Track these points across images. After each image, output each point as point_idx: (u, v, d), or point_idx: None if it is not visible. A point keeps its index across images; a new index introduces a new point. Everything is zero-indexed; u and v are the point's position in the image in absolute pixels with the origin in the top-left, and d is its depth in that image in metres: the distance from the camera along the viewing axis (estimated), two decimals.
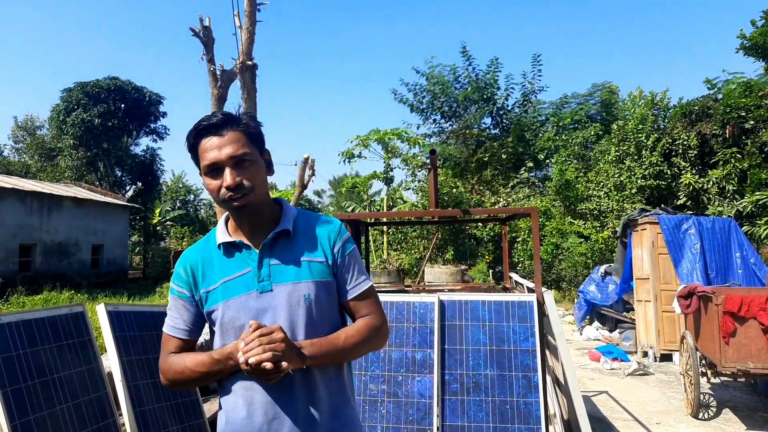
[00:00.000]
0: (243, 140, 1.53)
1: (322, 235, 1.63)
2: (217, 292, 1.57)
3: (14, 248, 20.80)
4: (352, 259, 1.66)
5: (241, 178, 1.51)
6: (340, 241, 1.65)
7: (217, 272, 1.59)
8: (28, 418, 2.60)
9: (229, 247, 1.61)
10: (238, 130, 1.54)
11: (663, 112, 16.69)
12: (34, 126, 40.22)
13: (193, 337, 1.65)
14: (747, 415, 5.87)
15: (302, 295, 1.55)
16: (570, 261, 15.73)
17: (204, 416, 3.80)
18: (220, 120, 1.54)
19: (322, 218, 1.70)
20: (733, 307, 5.20)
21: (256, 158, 1.57)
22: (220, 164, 1.51)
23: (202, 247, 1.67)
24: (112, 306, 3.47)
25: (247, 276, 1.56)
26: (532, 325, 3.69)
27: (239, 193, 1.51)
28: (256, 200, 1.54)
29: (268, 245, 1.58)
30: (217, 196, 1.53)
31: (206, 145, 1.53)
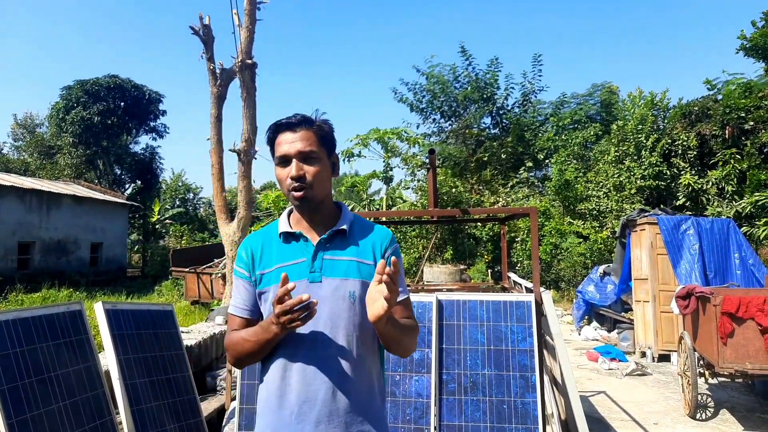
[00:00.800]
0: (313, 139, 1.71)
1: (374, 241, 1.78)
2: (272, 275, 1.70)
3: (13, 246, 20.80)
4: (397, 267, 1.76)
5: (305, 172, 1.68)
6: (390, 249, 1.79)
7: (274, 257, 1.73)
8: (24, 417, 2.59)
9: (289, 236, 1.76)
10: (310, 130, 1.72)
11: (663, 113, 16.68)
12: (34, 124, 40.21)
13: (254, 316, 1.76)
14: (744, 415, 5.87)
15: (348, 291, 1.68)
16: (569, 261, 15.73)
17: (201, 415, 3.80)
18: (297, 119, 1.73)
19: (375, 226, 1.84)
20: (731, 307, 5.21)
21: (322, 158, 1.73)
22: (289, 157, 1.69)
23: (264, 234, 1.83)
24: (109, 304, 3.46)
25: (301, 265, 1.70)
26: (530, 325, 3.69)
27: (300, 185, 1.67)
28: (315, 195, 1.70)
29: (324, 240, 1.72)
30: (284, 185, 1.72)
31: (281, 139, 1.72)
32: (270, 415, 1.67)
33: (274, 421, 1.65)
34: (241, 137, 10.04)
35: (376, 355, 1.76)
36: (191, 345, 5.29)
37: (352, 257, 1.72)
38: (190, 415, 3.67)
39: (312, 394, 1.62)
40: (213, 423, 4.45)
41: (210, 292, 15.39)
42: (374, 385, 1.74)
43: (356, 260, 1.72)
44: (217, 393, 5.24)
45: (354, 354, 1.67)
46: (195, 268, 15.92)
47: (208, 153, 10.33)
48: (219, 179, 10.34)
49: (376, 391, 1.74)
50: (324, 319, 1.64)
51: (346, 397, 1.64)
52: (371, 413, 1.69)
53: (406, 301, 1.79)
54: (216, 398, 5.03)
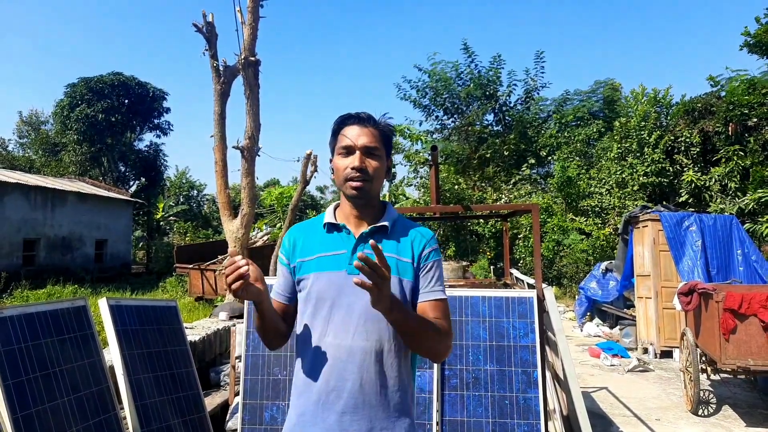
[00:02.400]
0: (378, 137, 1.76)
1: (414, 240, 1.79)
2: (311, 263, 1.75)
3: (18, 242, 20.88)
4: (434, 267, 1.79)
5: (367, 165, 1.72)
6: (429, 247, 1.79)
7: (316, 247, 1.77)
8: (29, 411, 2.62)
9: (333, 228, 1.80)
10: (377, 128, 1.77)
11: (666, 110, 16.65)
12: (39, 121, 40.31)
13: (290, 303, 1.82)
14: (746, 411, 5.88)
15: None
16: (571, 258, 15.73)
17: (205, 410, 3.82)
18: (364, 115, 1.79)
19: (418, 226, 1.86)
20: (733, 304, 5.21)
21: (383, 156, 1.78)
22: (354, 148, 1.73)
23: (308, 224, 1.88)
24: (114, 300, 3.49)
25: (341, 257, 1.73)
26: (532, 321, 3.71)
27: (361, 177, 1.71)
28: (370, 190, 1.74)
29: (366, 234, 1.75)
30: (342, 174, 1.74)
31: (347, 131, 1.76)
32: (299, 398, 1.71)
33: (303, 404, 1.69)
34: (245, 134, 10.04)
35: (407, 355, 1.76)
36: (195, 341, 5.32)
37: (390, 253, 1.71)
38: (194, 410, 3.69)
39: (340, 384, 1.64)
40: (217, 418, 4.48)
41: (214, 288, 15.43)
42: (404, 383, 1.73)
43: (395, 257, 1.72)
44: (220, 388, 5.27)
45: (385, 349, 1.68)
46: (199, 265, 15.96)
47: (212, 150, 10.34)
48: (222, 176, 10.35)
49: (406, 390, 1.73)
50: (359, 311, 1.66)
51: (373, 391, 1.65)
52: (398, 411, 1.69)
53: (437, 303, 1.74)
54: (219, 393, 5.06)
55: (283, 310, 1.82)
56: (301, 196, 11.02)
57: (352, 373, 1.64)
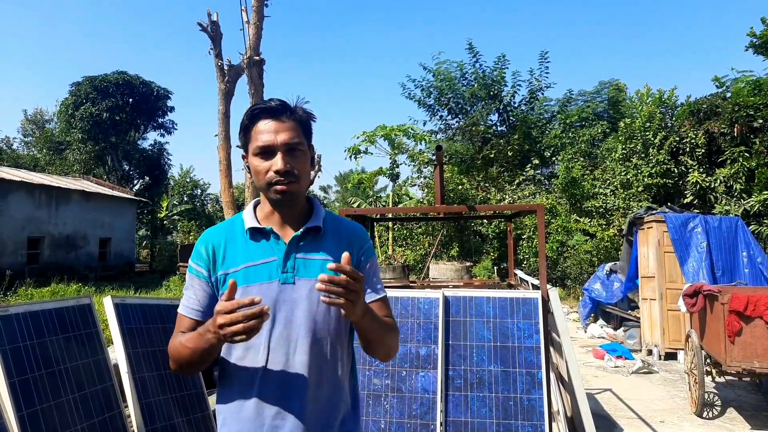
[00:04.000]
0: (298, 130, 1.57)
1: (348, 239, 1.65)
2: (237, 275, 1.55)
3: (23, 241, 20.94)
4: (372, 265, 1.68)
5: (291, 166, 1.53)
6: (365, 245, 1.68)
7: (239, 256, 1.58)
8: (35, 409, 2.62)
9: (257, 233, 1.60)
10: (294, 119, 1.57)
11: (671, 110, 16.59)
12: (43, 120, 40.46)
13: (205, 319, 1.58)
14: (751, 414, 5.86)
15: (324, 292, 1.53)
16: (575, 259, 15.70)
17: (209, 408, 3.82)
18: (278, 105, 1.57)
19: (348, 222, 1.72)
20: (739, 306, 5.19)
21: (306, 150, 1.60)
22: (273, 148, 1.53)
23: (226, 228, 1.65)
24: (118, 298, 3.49)
25: (271, 265, 1.56)
26: (537, 322, 3.70)
27: (286, 180, 1.53)
28: (298, 190, 1.57)
29: (297, 238, 1.59)
30: (263, 178, 1.55)
31: (261, 127, 1.55)
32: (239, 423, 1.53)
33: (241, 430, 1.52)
34: None
35: (350, 361, 1.66)
36: None
37: (327, 256, 1.58)
38: (198, 408, 3.69)
39: (286, 404, 1.50)
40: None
41: None
42: (349, 393, 1.64)
43: (332, 259, 1.56)
44: None
45: (330, 361, 1.56)
46: None
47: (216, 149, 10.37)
48: (226, 175, 10.38)
49: (351, 399, 1.65)
50: (298, 323, 1.52)
51: (321, 408, 1.54)
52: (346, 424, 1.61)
53: (383, 300, 1.68)
54: None
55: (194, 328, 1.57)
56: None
57: (298, 392, 1.51)
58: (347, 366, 1.64)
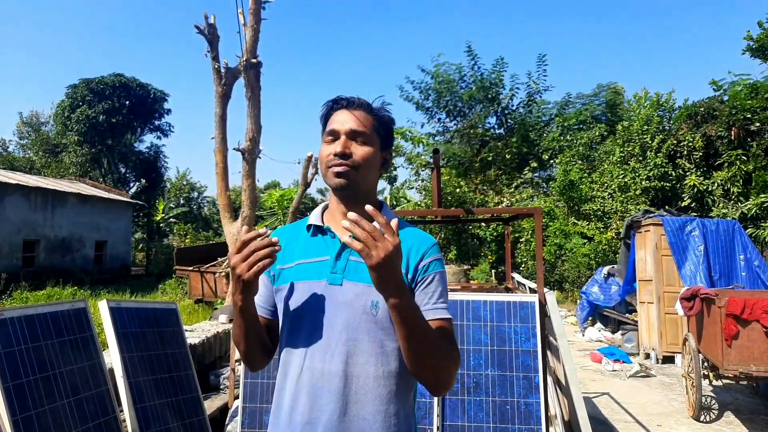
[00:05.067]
0: (369, 123, 1.54)
1: (412, 248, 1.50)
2: (291, 271, 1.52)
3: (18, 244, 20.89)
4: (436, 280, 1.49)
5: (351, 151, 1.49)
6: (429, 257, 1.50)
7: (297, 253, 1.55)
8: (29, 413, 2.60)
9: (316, 230, 1.57)
10: (369, 115, 1.55)
11: (668, 114, 16.65)
12: (39, 122, 40.37)
13: (271, 317, 1.57)
14: (749, 418, 5.85)
15: (371, 300, 1.42)
16: (573, 262, 15.70)
17: (204, 413, 3.80)
18: (357, 100, 1.57)
19: (417, 231, 1.58)
20: (736, 309, 5.19)
21: (373, 143, 1.53)
22: (338, 133, 1.51)
23: (293, 227, 1.66)
24: (114, 302, 3.47)
25: (323, 264, 1.50)
26: (534, 326, 3.69)
27: (343, 160, 1.48)
28: (357, 179, 1.49)
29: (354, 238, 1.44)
30: (324, 162, 1.52)
31: (335, 116, 1.55)
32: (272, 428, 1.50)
33: None
34: (246, 136, 10.05)
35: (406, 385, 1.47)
36: (195, 343, 5.30)
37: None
38: (194, 413, 3.68)
39: (315, 415, 1.40)
40: (216, 421, 4.45)
41: (214, 290, 15.43)
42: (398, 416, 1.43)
43: None
44: (220, 391, 5.24)
45: (372, 374, 1.41)
46: (199, 267, 15.96)
47: (213, 152, 10.35)
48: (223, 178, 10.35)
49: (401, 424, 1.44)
50: (339, 329, 1.42)
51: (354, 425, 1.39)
52: None
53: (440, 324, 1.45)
54: (219, 397, 5.03)
55: (266, 326, 1.55)
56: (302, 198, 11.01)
57: (328, 404, 1.39)
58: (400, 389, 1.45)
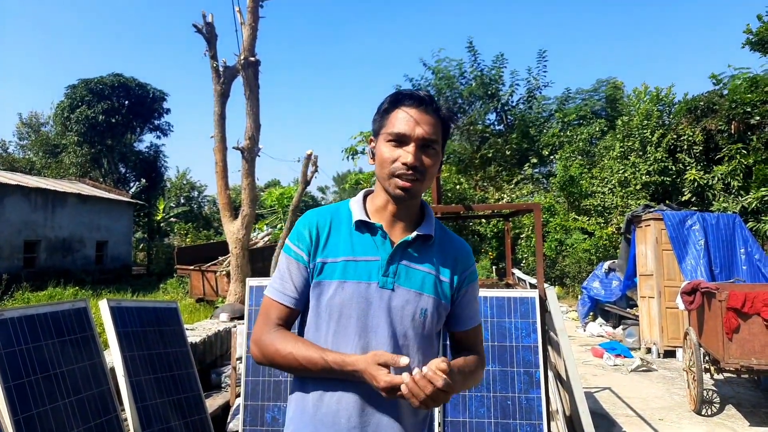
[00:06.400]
0: (438, 127, 1.46)
1: (457, 257, 1.54)
2: (336, 267, 1.44)
3: (19, 244, 20.89)
4: (475, 290, 1.59)
5: (422, 162, 1.42)
6: (470, 268, 1.56)
7: (342, 247, 1.46)
8: (30, 413, 2.61)
9: (364, 227, 1.49)
10: (438, 116, 1.47)
11: (668, 108, 16.64)
12: (39, 123, 40.34)
13: (298, 307, 1.48)
14: (750, 411, 5.85)
15: (420, 308, 1.44)
16: (574, 257, 15.71)
17: (206, 411, 3.81)
18: (426, 97, 1.46)
19: (457, 238, 1.60)
20: (736, 303, 5.18)
21: (439, 151, 1.49)
22: (408, 138, 1.42)
23: (333, 213, 1.53)
24: (114, 301, 3.47)
25: (373, 264, 1.44)
26: (534, 321, 3.69)
27: (414, 175, 1.41)
28: (420, 189, 1.45)
29: (407, 243, 1.47)
30: (389, 167, 1.43)
31: (402, 114, 1.43)
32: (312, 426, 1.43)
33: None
34: (245, 135, 10.05)
35: None
36: (196, 342, 5.31)
37: (431, 270, 1.47)
38: (195, 411, 3.68)
39: (364, 421, 1.40)
40: (218, 419, 4.46)
41: (215, 289, 15.43)
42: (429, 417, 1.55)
43: (435, 274, 1.47)
44: (221, 390, 5.25)
45: None
46: (200, 266, 15.97)
47: (212, 151, 10.35)
48: (223, 177, 10.36)
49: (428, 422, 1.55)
50: (388, 335, 1.41)
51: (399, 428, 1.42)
52: None
53: (478, 329, 1.60)
54: (221, 395, 5.04)
55: (288, 316, 1.48)
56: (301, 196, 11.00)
57: (376, 409, 1.40)
58: None
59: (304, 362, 1.38)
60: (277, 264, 1.55)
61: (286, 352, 1.40)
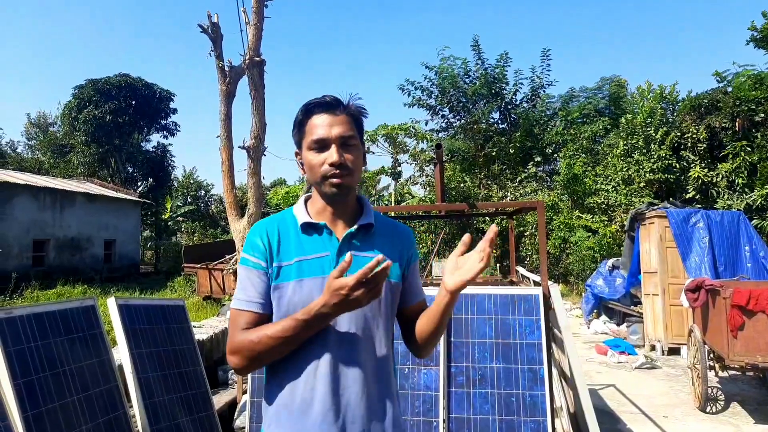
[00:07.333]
0: (351, 124, 1.59)
1: (398, 239, 1.69)
2: (291, 269, 1.55)
3: (28, 243, 21.04)
4: (416, 269, 1.74)
5: (346, 158, 1.55)
6: (412, 248, 1.72)
7: (293, 249, 1.58)
8: (39, 410, 2.65)
9: (310, 228, 1.61)
10: (348, 114, 1.59)
11: (672, 106, 16.57)
12: (47, 123, 40.57)
13: (267, 312, 1.56)
14: (755, 408, 5.86)
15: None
16: (578, 255, 15.69)
17: (213, 408, 3.85)
18: (332, 100, 1.59)
19: (397, 223, 1.75)
20: (741, 300, 5.19)
21: (359, 144, 1.61)
22: (328, 141, 1.55)
23: (279, 221, 1.64)
24: (122, 299, 3.52)
25: (324, 260, 1.56)
26: (538, 318, 3.71)
27: (341, 172, 1.54)
28: (351, 183, 1.57)
29: (351, 235, 1.60)
30: (318, 171, 1.56)
31: (316, 122, 1.57)
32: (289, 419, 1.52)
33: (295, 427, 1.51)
34: (251, 134, 10.09)
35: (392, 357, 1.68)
36: (203, 339, 5.36)
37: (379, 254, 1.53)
38: (202, 408, 3.72)
39: (338, 399, 1.51)
40: (225, 416, 4.51)
41: (222, 287, 15.51)
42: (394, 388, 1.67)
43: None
44: (228, 387, 5.30)
45: (379, 356, 1.58)
46: (207, 264, 16.05)
47: (218, 150, 10.40)
48: (229, 176, 10.41)
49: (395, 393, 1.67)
50: (348, 319, 1.52)
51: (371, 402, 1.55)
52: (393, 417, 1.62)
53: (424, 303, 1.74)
54: (227, 392, 5.09)
55: (255, 322, 1.54)
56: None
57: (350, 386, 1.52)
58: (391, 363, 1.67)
59: (278, 334, 1.46)
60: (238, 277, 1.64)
61: (259, 336, 1.48)
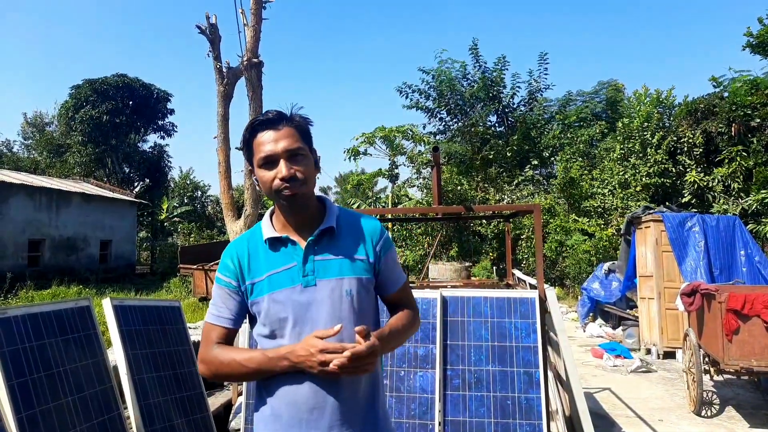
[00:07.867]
0: (296, 135, 1.63)
1: (365, 235, 1.72)
2: (263, 284, 1.62)
3: (23, 243, 20.96)
4: (393, 255, 1.78)
5: (295, 170, 1.59)
6: (382, 241, 1.74)
7: (263, 265, 1.65)
8: (33, 411, 2.63)
9: (275, 242, 1.67)
10: (292, 126, 1.63)
11: (668, 110, 16.64)
12: (43, 122, 40.40)
13: (236, 326, 1.69)
14: (750, 413, 5.87)
15: (345, 290, 1.62)
16: (574, 258, 15.72)
17: (208, 410, 3.84)
18: (275, 116, 1.63)
19: (363, 217, 1.78)
20: (736, 304, 5.20)
21: (308, 153, 1.65)
22: (275, 157, 1.59)
23: (248, 240, 1.72)
24: (117, 300, 3.51)
25: (292, 270, 1.62)
26: (534, 322, 3.72)
27: (292, 184, 1.58)
28: (306, 192, 1.62)
29: (313, 242, 1.65)
30: (270, 187, 1.61)
31: (262, 139, 1.61)
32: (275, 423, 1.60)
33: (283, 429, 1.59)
34: None
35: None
36: (198, 341, 5.34)
37: (344, 255, 1.65)
38: (198, 409, 3.71)
39: (321, 400, 1.56)
40: (220, 417, 4.50)
41: None
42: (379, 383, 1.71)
43: (348, 257, 1.66)
44: (224, 388, 5.29)
45: None
46: (203, 265, 16.02)
47: (215, 151, 10.39)
48: (226, 177, 10.40)
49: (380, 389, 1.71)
50: (325, 321, 1.58)
51: (355, 400, 1.60)
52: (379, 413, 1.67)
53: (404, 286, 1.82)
54: (223, 393, 5.08)
55: (225, 336, 1.67)
56: None
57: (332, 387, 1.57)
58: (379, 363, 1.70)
59: (247, 363, 1.57)
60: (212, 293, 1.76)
61: (228, 359, 1.60)
